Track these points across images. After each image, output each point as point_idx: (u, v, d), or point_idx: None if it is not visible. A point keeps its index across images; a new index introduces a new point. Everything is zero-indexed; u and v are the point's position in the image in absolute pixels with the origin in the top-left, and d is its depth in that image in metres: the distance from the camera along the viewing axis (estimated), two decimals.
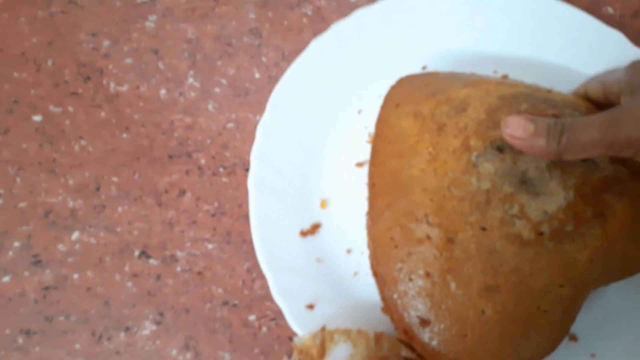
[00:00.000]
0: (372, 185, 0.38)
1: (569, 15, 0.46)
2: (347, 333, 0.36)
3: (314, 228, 0.42)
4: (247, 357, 0.41)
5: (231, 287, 0.42)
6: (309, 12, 0.49)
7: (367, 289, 0.40)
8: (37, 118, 0.47)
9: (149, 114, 0.47)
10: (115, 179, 0.45)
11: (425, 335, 0.33)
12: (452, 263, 0.33)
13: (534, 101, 0.36)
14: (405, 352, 0.34)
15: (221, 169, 0.45)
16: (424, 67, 0.46)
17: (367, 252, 0.39)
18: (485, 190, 0.33)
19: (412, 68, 0.46)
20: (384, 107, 0.40)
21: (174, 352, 0.41)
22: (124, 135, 0.46)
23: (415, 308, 0.33)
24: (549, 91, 0.38)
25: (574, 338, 0.39)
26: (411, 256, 0.34)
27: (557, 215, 0.33)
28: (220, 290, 0.42)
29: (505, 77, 0.45)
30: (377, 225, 0.36)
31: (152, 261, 0.43)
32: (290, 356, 0.40)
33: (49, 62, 0.48)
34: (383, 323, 0.38)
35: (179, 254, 0.43)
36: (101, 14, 0.49)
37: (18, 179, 0.45)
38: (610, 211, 0.34)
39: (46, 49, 0.49)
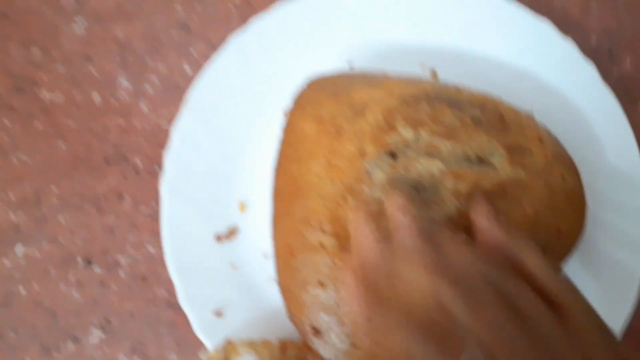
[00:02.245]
0: (275, 191, 0.36)
1: (496, 4, 0.44)
2: (251, 344, 0.35)
3: (231, 233, 0.41)
4: (195, 357, 0.40)
5: (175, 289, 0.41)
6: (237, 1, 0.48)
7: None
8: None
9: (83, 120, 0.46)
10: (55, 189, 0.45)
11: (318, 345, 0.32)
12: None
13: (434, 101, 0.34)
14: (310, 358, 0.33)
15: (157, 168, 0.44)
16: (349, 62, 0.44)
17: None
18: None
19: (338, 63, 0.44)
20: (292, 111, 0.38)
21: (122, 357, 0.41)
22: (61, 145, 0.46)
23: (309, 317, 0.32)
24: (457, 89, 0.36)
25: None
26: (306, 265, 0.32)
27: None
28: (164, 292, 0.42)
29: (432, 71, 0.43)
30: (277, 231, 0.35)
31: (95, 268, 0.43)
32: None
33: None
34: (294, 330, 0.36)
35: (121, 259, 0.43)
36: (30, 23, 0.49)
37: None
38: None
39: None
